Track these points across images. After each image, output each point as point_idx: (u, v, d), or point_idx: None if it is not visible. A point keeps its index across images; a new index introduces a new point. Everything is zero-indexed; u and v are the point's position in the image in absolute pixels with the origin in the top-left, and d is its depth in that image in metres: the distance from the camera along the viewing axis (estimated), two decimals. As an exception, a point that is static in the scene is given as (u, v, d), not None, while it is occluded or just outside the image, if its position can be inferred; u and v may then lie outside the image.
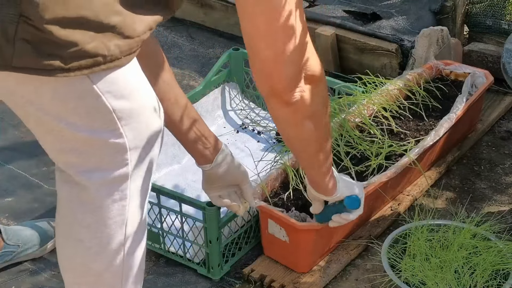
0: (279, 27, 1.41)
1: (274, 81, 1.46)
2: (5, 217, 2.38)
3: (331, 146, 1.72)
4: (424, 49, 2.70)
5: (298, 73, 1.47)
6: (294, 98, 1.49)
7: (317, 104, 1.55)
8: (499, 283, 1.95)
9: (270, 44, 1.42)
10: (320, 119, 1.60)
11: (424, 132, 2.35)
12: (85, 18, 1.31)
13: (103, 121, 1.42)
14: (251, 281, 2.11)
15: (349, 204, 1.86)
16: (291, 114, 1.54)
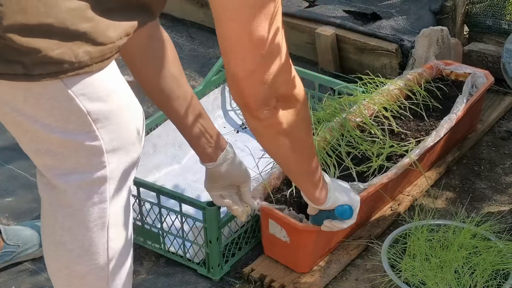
0: (247, 46, 1.36)
1: (244, 96, 1.44)
2: (5, 217, 2.38)
3: (317, 164, 1.70)
4: (424, 49, 2.70)
5: (269, 92, 1.44)
6: (264, 115, 1.47)
7: (292, 123, 1.53)
8: (499, 283, 1.95)
9: (238, 63, 1.39)
10: (297, 139, 1.58)
11: (424, 133, 2.35)
12: (49, 25, 1.29)
13: (77, 123, 1.41)
14: (251, 281, 2.11)
15: (339, 214, 1.88)
16: (262, 129, 1.52)
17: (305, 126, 1.60)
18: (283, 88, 1.47)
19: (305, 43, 3.01)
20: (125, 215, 1.57)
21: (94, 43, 1.34)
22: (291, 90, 1.50)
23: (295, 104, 1.53)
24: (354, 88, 2.43)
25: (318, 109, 2.36)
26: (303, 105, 1.55)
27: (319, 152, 2.17)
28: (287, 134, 1.55)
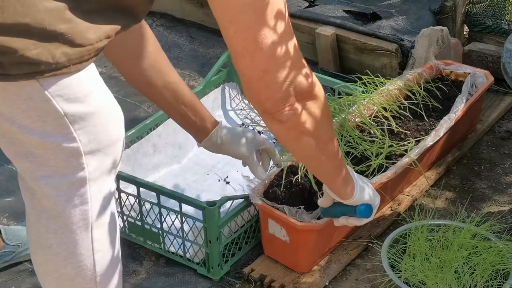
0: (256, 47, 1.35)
1: (261, 99, 1.43)
2: (5, 217, 2.38)
3: (342, 159, 1.68)
4: (424, 49, 2.70)
5: (285, 92, 1.42)
6: (285, 117, 1.45)
7: (315, 121, 1.50)
8: (499, 283, 1.95)
9: (248, 64, 1.38)
10: (322, 137, 1.55)
11: (424, 132, 2.35)
12: (26, 25, 1.28)
13: (55, 125, 1.40)
14: (251, 281, 2.11)
15: (360, 213, 1.82)
16: (286, 131, 1.50)
17: (328, 123, 1.57)
18: (300, 84, 1.44)
19: (305, 43, 3.02)
20: (108, 215, 1.56)
21: (72, 44, 1.33)
22: (308, 85, 1.47)
23: (315, 100, 1.50)
24: (354, 88, 2.43)
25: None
26: (323, 100, 1.52)
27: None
28: (311, 133, 1.52)
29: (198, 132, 2.01)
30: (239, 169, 2.46)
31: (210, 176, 2.45)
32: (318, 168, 1.69)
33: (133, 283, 2.14)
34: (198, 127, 1.99)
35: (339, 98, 2.37)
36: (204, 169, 2.49)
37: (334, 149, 1.62)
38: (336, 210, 1.88)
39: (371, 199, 1.83)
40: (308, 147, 1.55)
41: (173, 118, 2.00)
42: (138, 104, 2.90)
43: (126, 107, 2.89)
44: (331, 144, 1.61)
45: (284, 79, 1.41)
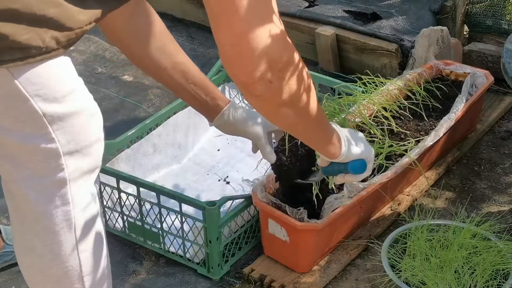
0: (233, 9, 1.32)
1: (235, 71, 1.39)
2: (5, 217, 2.38)
3: (326, 121, 1.66)
4: (424, 49, 2.70)
5: (258, 61, 1.37)
6: (259, 90, 1.41)
7: (292, 93, 1.47)
8: (499, 283, 1.95)
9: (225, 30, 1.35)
10: (300, 106, 1.52)
11: (424, 132, 2.35)
12: (15, 10, 1.29)
13: (33, 126, 1.39)
14: (251, 281, 2.11)
15: (352, 170, 1.79)
16: (263, 103, 1.47)
17: (306, 92, 1.52)
18: (275, 53, 1.39)
19: (305, 43, 3.02)
20: (92, 215, 1.55)
21: (62, 28, 1.33)
22: (284, 55, 1.42)
23: (292, 71, 1.45)
24: (354, 88, 2.43)
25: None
26: (300, 70, 1.48)
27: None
28: (288, 104, 1.49)
29: (210, 111, 1.96)
30: (239, 170, 2.47)
31: (210, 176, 2.46)
32: (301, 135, 1.67)
33: (133, 283, 2.14)
34: (210, 106, 1.94)
35: (339, 98, 2.37)
36: (204, 169, 2.49)
37: (315, 117, 1.58)
38: (334, 169, 1.84)
39: (362, 154, 1.79)
40: (287, 118, 1.52)
41: (184, 99, 1.96)
42: (138, 104, 2.90)
43: (126, 107, 2.89)
44: (311, 112, 1.57)
45: (258, 46, 1.36)
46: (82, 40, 3.33)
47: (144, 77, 3.06)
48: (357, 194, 2.08)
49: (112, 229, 2.28)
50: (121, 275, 2.16)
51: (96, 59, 3.20)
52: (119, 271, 2.18)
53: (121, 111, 2.87)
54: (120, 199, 2.20)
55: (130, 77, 3.08)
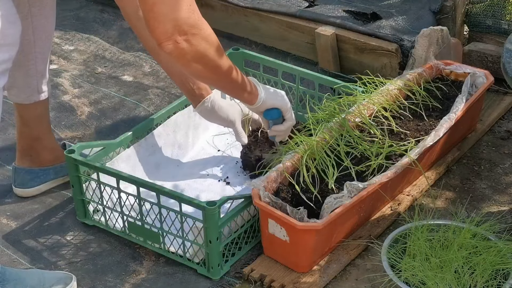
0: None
1: (150, 30, 1.78)
2: (5, 217, 2.38)
3: (237, 73, 2.03)
4: (424, 49, 2.70)
5: (168, 25, 1.76)
6: (169, 49, 1.79)
7: (198, 52, 1.84)
8: (499, 283, 1.95)
9: (143, 2, 1.75)
10: (208, 63, 1.89)
11: (424, 132, 2.35)
12: None
13: None
14: (251, 281, 2.11)
15: (266, 115, 2.24)
16: (174, 59, 1.84)
17: (213, 51, 1.88)
18: (184, 19, 1.77)
19: (305, 43, 3.02)
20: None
21: None
22: (192, 20, 1.79)
23: (199, 33, 1.82)
24: (354, 88, 2.43)
25: (317, 110, 2.36)
26: (206, 34, 1.84)
27: (318, 152, 2.17)
28: (197, 61, 1.86)
29: (195, 98, 2.30)
30: (239, 170, 2.47)
31: (210, 176, 2.45)
32: (215, 85, 2.09)
33: (133, 283, 2.14)
34: (196, 94, 2.29)
35: (339, 98, 2.37)
36: (204, 169, 2.48)
37: (225, 71, 1.97)
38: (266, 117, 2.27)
39: (276, 103, 2.22)
40: (198, 71, 1.91)
41: (175, 83, 2.32)
42: (138, 103, 2.90)
43: (126, 106, 2.89)
44: (221, 68, 1.95)
45: (168, 12, 1.74)
46: (82, 40, 3.34)
47: (144, 77, 3.06)
48: (357, 194, 2.08)
49: (112, 229, 2.28)
50: (121, 275, 2.16)
51: (96, 59, 3.20)
52: (119, 271, 2.18)
53: (121, 110, 2.87)
54: (120, 199, 2.20)
55: (130, 77, 3.08)
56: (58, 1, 2.32)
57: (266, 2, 3.13)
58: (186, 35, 1.80)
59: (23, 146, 2.43)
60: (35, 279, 2.04)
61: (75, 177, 2.27)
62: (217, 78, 2.00)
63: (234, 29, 3.23)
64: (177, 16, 1.77)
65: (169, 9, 1.75)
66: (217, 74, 1.97)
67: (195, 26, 1.81)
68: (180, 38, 1.79)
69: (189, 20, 1.79)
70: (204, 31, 1.84)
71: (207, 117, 2.36)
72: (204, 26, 1.85)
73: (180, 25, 1.78)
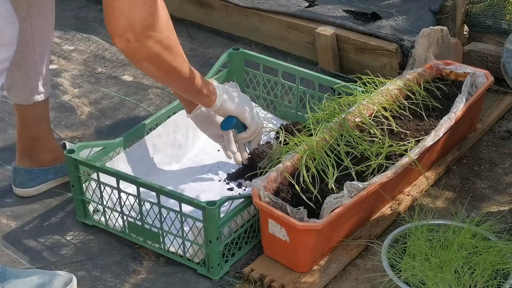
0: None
1: (107, 26, 1.80)
2: (5, 217, 2.38)
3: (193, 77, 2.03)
4: (424, 49, 2.70)
5: (123, 23, 1.77)
6: (119, 47, 1.82)
7: (152, 53, 1.85)
8: (499, 283, 1.95)
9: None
10: (161, 65, 1.90)
11: (424, 132, 2.35)
12: None
13: None
14: (251, 281, 2.11)
15: (222, 126, 2.27)
16: (126, 56, 1.86)
17: (167, 54, 1.89)
18: (136, 20, 1.77)
19: (305, 43, 3.02)
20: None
21: None
22: (149, 21, 1.79)
23: (153, 35, 1.82)
24: (354, 88, 2.43)
25: (317, 110, 2.36)
26: (163, 35, 1.84)
27: (318, 152, 2.17)
28: (149, 61, 1.87)
29: (189, 105, 2.29)
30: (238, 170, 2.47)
31: (210, 176, 2.46)
32: (167, 85, 2.15)
33: (133, 283, 2.14)
34: (189, 101, 2.28)
35: (339, 98, 2.37)
36: (204, 169, 2.49)
37: (180, 74, 1.96)
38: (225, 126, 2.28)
39: (235, 111, 2.21)
40: (149, 71, 1.93)
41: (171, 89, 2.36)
42: (138, 103, 2.90)
43: (126, 106, 2.89)
44: (175, 71, 1.94)
45: (126, 10, 1.75)
46: (82, 40, 3.34)
47: (144, 77, 3.06)
48: (357, 194, 2.08)
49: (112, 229, 2.28)
50: (121, 275, 2.16)
51: (96, 59, 3.20)
52: (119, 271, 2.18)
53: (121, 110, 2.87)
54: (120, 199, 2.20)
55: (130, 77, 3.08)
56: (58, 1, 2.32)
57: (266, 2, 3.13)
58: (139, 35, 1.80)
59: (23, 146, 2.43)
60: (35, 279, 2.04)
61: (75, 177, 2.27)
62: (170, 79, 2.01)
63: (234, 29, 3.23)
64: (133, 16, 1.77)
65: (127, 7, 1.75)
66: (170, 76, 1.98)
67: (151, 28, 1.81)
68: (132, 37, 1.79)
69: (145, 21, 1.79)
70: (160, 34, 1.84)
71: (200, 125, 2.35)
72: (162, 30, 1.84)
73: (134, 25, 1.78)
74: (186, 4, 3.36)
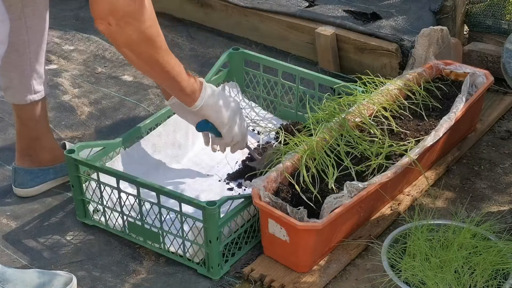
0: None
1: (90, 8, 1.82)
2: (5, 217, 2.38)
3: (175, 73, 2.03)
4: (424, 49, 2.70)
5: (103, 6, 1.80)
6: (100, 29, 1.84)
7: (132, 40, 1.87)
8: (499, 283, 1.95)
9: None
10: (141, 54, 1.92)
11: (424, 132, 2.35)
12: None
13: None
14: (251, 281, 2.11)
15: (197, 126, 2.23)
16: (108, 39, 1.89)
17: (147, 45, 1.91)
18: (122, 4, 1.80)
19: (305, 43, 3.02)
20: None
21: None
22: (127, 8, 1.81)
23: (133, 22, 1.84)
24: (354, 88, 2.43)
25: (317, 110, 2.36)
26: (145, 24, 1.86)
27: (318, 152, 2.17)
28: (128, 48, 1.90)
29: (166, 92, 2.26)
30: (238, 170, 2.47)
31: (210, 176, 2.45)
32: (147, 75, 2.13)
33: (133, 283, 2.14)
34: None
35: (339, 98, 2.37)
36: (204, 169, 2.48)
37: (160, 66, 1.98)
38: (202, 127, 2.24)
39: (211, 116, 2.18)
40: (128, 58, 1.94)
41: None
42: (138, 103, 2.90)
43: (126, 106, 2.89)
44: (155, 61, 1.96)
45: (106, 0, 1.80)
46: (82, 40, 3.33)
47: (144, 77, 3.06)
48: (357, 194, 2.08)
49: (112, 229, 2.28)
50: (121, 275, 2.16)
51: (96, 59, 3.20)
52: (119, 271, 2.18)
53: (121, 110, 2.87)
54: (120, 199, 2.20)
55: (130, 76, 3.08)
56: (58, 1, 2.32)
57: (266, 2, 3.13)
58: (119, 20, 1.83)
59: (22, 146, 2.43)
60: (35, 279, 2.04)
61: (75, 177, 2.27)
62: (150, 70, 2.02)
63: (234, 29, 3.23)
64: (116, 1, 1.81)
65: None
66: (150, 67, 1.99)
67: (132, 16, 1.84)
68: (113, 21, 1.83)
69: (127, 8, 1.82)
70: (141, 24, 1.87)
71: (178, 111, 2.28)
72: (144, 19, 1.87)
73: (116, 10, 1.81)
74: (186, 4, 3.36)
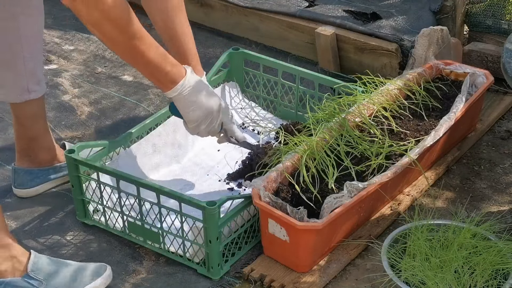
0: None
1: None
2: (5, 217, 2.38)
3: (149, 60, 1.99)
4: (424, 49, 2.70)
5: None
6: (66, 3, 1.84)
7: (91, 19, 1.87)
8: (499, 283, 1.95)
9: None
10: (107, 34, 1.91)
11: (424, 132, 2.35)
12: None
13: None
14: (251, 281, 2.11)
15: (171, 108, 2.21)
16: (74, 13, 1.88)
17: (114, 26, 1.90)
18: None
19: (305, 43, 3.02)
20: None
21: None
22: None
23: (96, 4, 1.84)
24: (354, 88, 2.43)
25: (317, 110, 2.36)
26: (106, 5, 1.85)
27: (318, 152, 2.17)
28: (93, 26, 1.90)
29: None
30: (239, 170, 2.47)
31: (210, 176, 2.45)
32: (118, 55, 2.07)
33: (133, 283, 2.14)
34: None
35: (339, 98, 2.37)
36: (204, 169, 2.49)
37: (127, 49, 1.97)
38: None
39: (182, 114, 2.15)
40: (96, 34, 1.94)
41: None
42: (138, 103, 2.90)
43: (126, 106, 2.89)
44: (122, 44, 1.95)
45: None
46: (82, 40, 3.34)
47: (143, 77, 3.06)
48: (357, 194, 2.08)
49: (112, 229, 2.28)
50: (121, 275, 2.16)
51: (96, 59, 3.20)
52: (119, 270, 2.18)
53: (121, 110, 2.87)
54: (120, 199, 2.20)
55: (130, 76, 3.08)
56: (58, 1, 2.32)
57: (266, 2, 3.13)
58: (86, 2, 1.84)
59: (21, 146, 2.43)
60: (69, 270, 2.05)
61: (75, 177, 2.27)
62: (118, 50, 2.00)
63: (234, 29, 3.23)
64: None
65: None
66: (117, 47, 1.98)
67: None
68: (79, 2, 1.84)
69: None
70: (104, 5, 1.86)
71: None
72: (108, 1, 1.86)
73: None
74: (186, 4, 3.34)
